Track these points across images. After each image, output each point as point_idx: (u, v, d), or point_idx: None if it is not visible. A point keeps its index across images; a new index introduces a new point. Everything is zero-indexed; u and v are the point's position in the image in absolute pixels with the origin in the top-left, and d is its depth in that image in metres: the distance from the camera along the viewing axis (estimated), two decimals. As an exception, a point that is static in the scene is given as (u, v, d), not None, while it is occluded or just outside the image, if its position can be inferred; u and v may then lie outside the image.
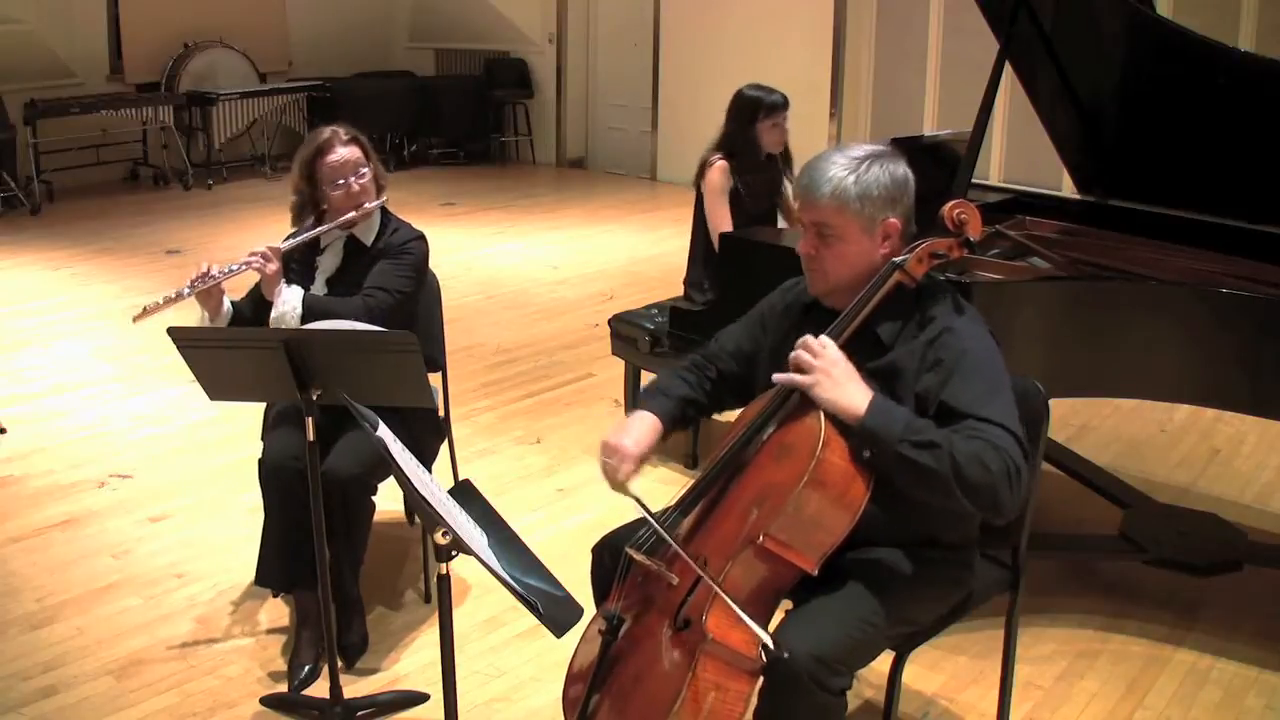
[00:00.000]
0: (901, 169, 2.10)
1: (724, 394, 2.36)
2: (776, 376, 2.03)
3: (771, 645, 1.85)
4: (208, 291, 2.87)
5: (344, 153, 3.00)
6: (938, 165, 3.63)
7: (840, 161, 2.08)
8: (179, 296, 2.83)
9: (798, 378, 1.99)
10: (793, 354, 2.02)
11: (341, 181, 2.98)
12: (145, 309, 2.82)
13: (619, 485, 2.11)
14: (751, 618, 1.90)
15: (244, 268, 2.93)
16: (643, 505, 2.03)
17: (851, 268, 2.08)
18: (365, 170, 3.02)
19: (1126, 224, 3.52)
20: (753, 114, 4.10)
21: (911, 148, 3.38)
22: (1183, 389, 3.04)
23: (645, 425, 2.19)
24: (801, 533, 1.96)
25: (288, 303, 2.91)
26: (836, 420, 1.99)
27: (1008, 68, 3.47)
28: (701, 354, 2.37)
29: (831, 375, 1.97)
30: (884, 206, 2.07)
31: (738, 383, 2.34)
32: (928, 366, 2.02)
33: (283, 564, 2.87)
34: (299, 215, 3.09)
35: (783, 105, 4.12)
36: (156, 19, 9.59)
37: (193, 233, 7.86)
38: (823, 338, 2.02)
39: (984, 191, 4.04)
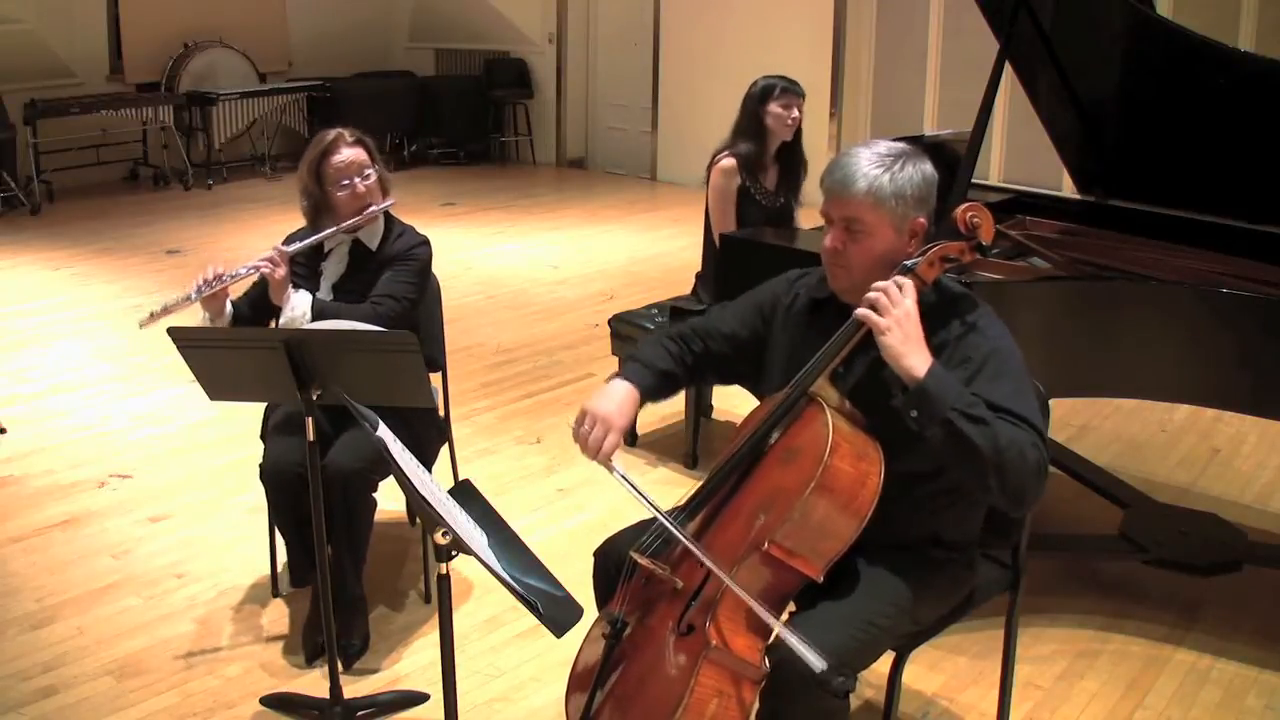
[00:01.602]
0: (929, 168, 2.10)
1: (705, 371, 2.35)
2: (858, 312, 1.98)
3: (808, 655, 1.80)
4: (213, 294, 2.87)
5: (349, 154, 3.00)
6: (938, 165, 3.61)
7: (872, 159, 2.07)
8: (186, 301, 2.83)
9: (874, 317, 1.96)
10: (871, 293, 1.98)
11: (346, 182, 2.98)
12: (152, 314, 2.81)
13: (600, 457, 2.08)
14: (755, 623, 1.90)
15: (251, 271, 2.93)
16: (628, 481, 2.01)
17: (876, 264, 2.07)
18: (370, 172, 3.02)
19: (1126, 224, 3.52)
20: (764, 96, 4.10)
21: (911, 148, 3.39)
22: (1183, 389, 3.04)
23: (627, 396, 2.16)
24: (808, 540, 1.95)
25: (297, 308, 2.91)
26: (844, 424, 1.98)
27: (1008, 68, 3.47)
28: (692, 327, 2.34)
29: (904, 327, 1.95)
30: (915, 205, 2.07)
31: (723, 363, 2.33)
32: (954, 363, 2.02)
33: (309, 561, 2.90)
34: (313, 218, 3.07)
35: (795, 90, 4.11)
36: (156, 19, 9.59)
37: (193, 233, 7.86)
38: (906, 282, 1.99)
39: (984, 191, 4.04)
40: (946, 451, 1.94)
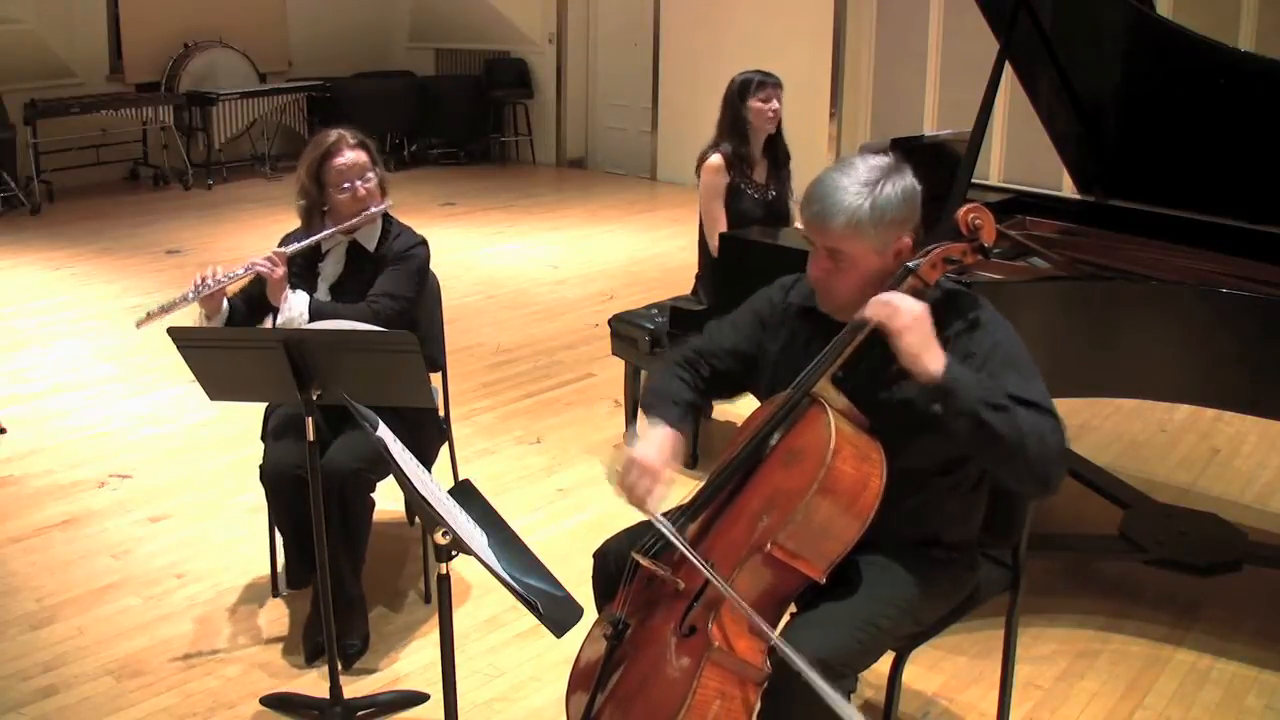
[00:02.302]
0: (909, 181, 2.07)
1: (717, 390, 2.35)
2: (866, 313, 1.96)
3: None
4: (210, 294, 2.87)
5: (351, 156, 2.99)
6: (938, 165, 3.62)
7: (851, 188, 2.03)
8: (183, 301, 2.82)
9: (888, 320, 1.94)
10: (874, 306, 1.96)
11: (347, 185, 2.98)
12: (149, 314, 2.81)
13: (644, 505, 2.05)
14: (757, 624, 1.89)
15: (249, 271, 2.93)
16: (661, 521, 2.00)
17: (864, 286, 2.06)
18: (371, 175, 3.02)
19: (1126, 224, 3.52)
20: (743, 91, 4.10)
21: (911, 148, 3.38)
22: (1183, 389, 3.04)
23: (672, 443, 2.13)
24: (810, 541, 1.95)
25: (294, 308, 2.91)
26: (847, 426, 1.98)
27: (1008, 68, 3.47)
28: (695, 349, 2.33)
29: (921, 325, 1.94)
30: (898, 226, 2.05)
31: (732, 380, 2.32)
32: (959, 359, 2.01)
33: (306, 563, 2.91)
34: (308, 219, 3.08)
35: (773, 82, 4.12)
36: (156, 19, 9.59)
37: (193, 233, 7.86)
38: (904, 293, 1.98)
39: (984, 191, 4.04)
40: (971, 443, 1.94)
